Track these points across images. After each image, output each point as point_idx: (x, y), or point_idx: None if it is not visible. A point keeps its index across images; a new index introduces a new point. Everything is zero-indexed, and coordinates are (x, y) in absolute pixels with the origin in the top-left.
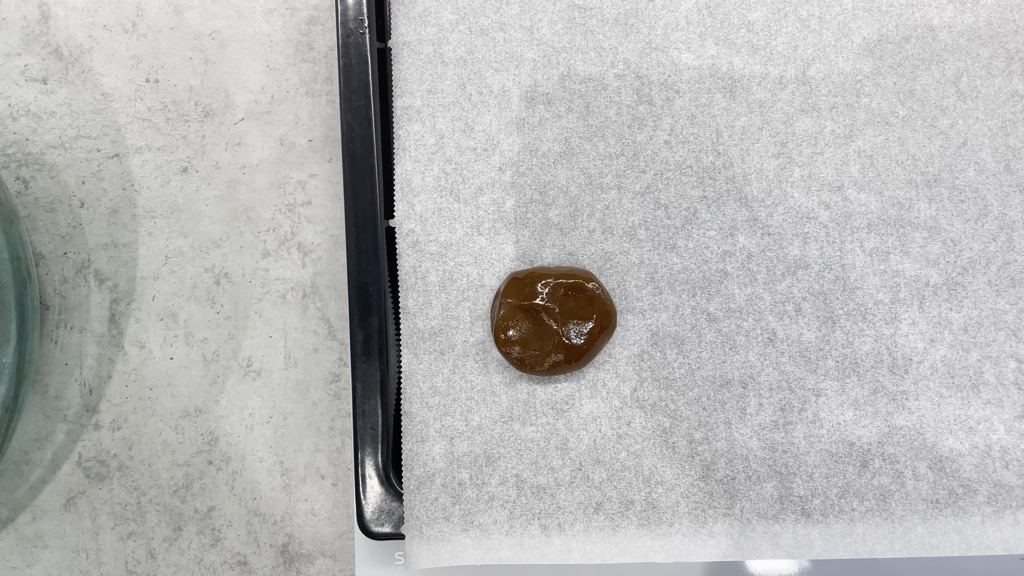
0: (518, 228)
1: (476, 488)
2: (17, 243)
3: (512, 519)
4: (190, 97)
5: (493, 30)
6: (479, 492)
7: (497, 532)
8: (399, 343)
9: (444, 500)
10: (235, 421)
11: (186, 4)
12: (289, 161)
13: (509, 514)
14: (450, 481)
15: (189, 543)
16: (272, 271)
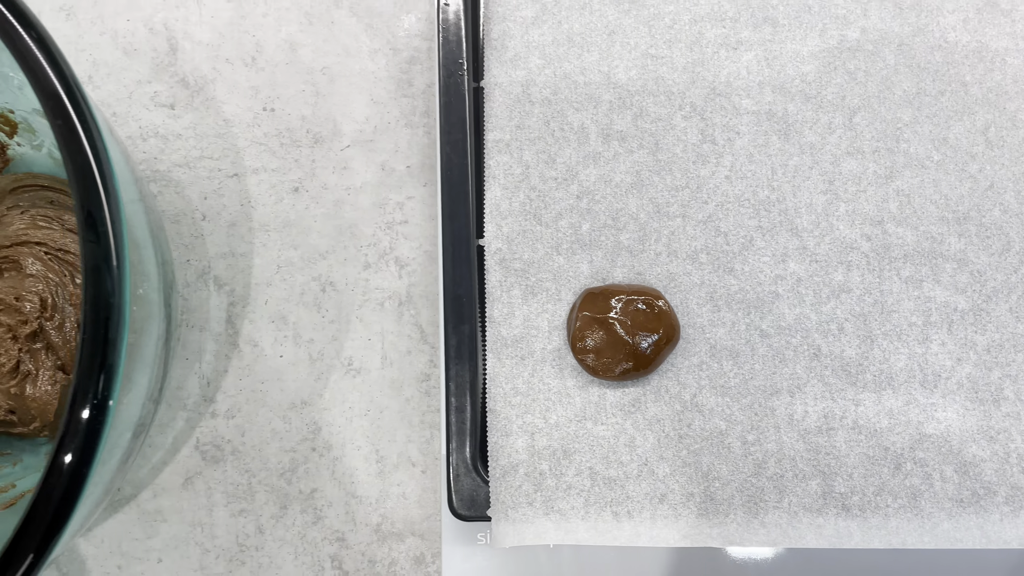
0: (592, 249)
1: (555, 478)
2: (164, 249)
3: (587, 506)
4: (302, 125)
5: (575, 74)
6: (558, 481)
7: (574, 516)
8: (485, 348)
9: (527, 488)
10: (336, 413)
11: (300, 42)
12: (389, 184)
13: (584, 501)
14: (532, 471)
15: (293, 520)
16: (372, 281)
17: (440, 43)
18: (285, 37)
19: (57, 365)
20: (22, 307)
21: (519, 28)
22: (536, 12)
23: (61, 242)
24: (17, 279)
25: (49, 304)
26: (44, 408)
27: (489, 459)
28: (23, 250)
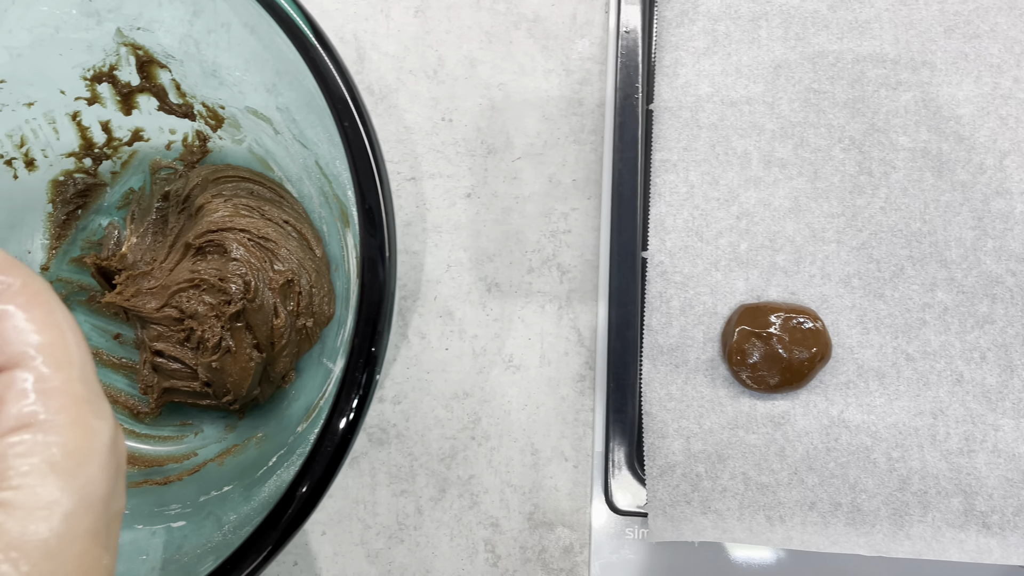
0: (749, 268)
1: (711, 480)
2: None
3: (742, 508)
4: (477, 136)
5: (741, 103)
6: (714, 484)
7: (730, 517)
8: (641, 354)
9: (684, 487)
10: (495, 406)
11: (480, 59)
12: (555, 196)
13: (739, 504)
14: (689, 472)
15: (451, 503)
16: (535, 284)
17: (617, 67)
18: (466, 53)
19: (253, 344)
20: (227, 288)
21: (691, 57)
22: (708, 44)
23: (264, 230)
24: (221, 262)
25: (252, 287)
26: (238, 383)
27: (646, 459)
28: (228, 235)
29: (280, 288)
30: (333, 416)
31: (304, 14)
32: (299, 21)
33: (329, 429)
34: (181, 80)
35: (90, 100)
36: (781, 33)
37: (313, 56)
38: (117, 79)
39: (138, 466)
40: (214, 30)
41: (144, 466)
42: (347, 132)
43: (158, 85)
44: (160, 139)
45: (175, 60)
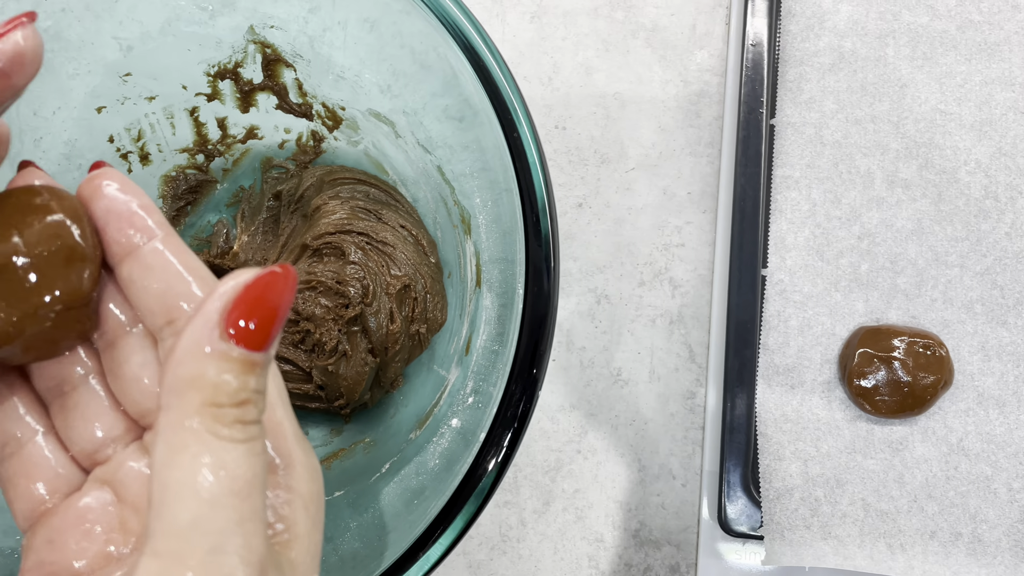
0: (868, 289)
1: (830, 505)
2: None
3: (862, 535)
4: (591, 145)
5: (865, 121)
6: (833, 509)
7: (851, 543)
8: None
9: (803, 511)
10: (603, 420)
11: (596, 67)
12: (669, 208)
13: (859, 531)
14: (807, 496)
15: (555, 517)
16: (645, 298)
17: (742, 80)
18: (582, 61)
19: (368, 348)
20: (345, 291)
21: (816, 73)
22: (833, 60)
23: (381, 234)
24: (338, 265)
25: (370, 291)
26: (352, 387)
27: (761, 481)
28: (346, 238)
29: (397, 293)
30: (487, 448)
31: (475, 23)
32: (469, 30)
33: (480, 465)
34: (304, 79)
35: (210, 96)
36: (908, 52)
37: (484, 65)
38: (240, 76)
39: None
40: (329, 28)
41: None
42: (514, 142)
43: (280, 84)
44: (274, 137)
45: (302, 59)
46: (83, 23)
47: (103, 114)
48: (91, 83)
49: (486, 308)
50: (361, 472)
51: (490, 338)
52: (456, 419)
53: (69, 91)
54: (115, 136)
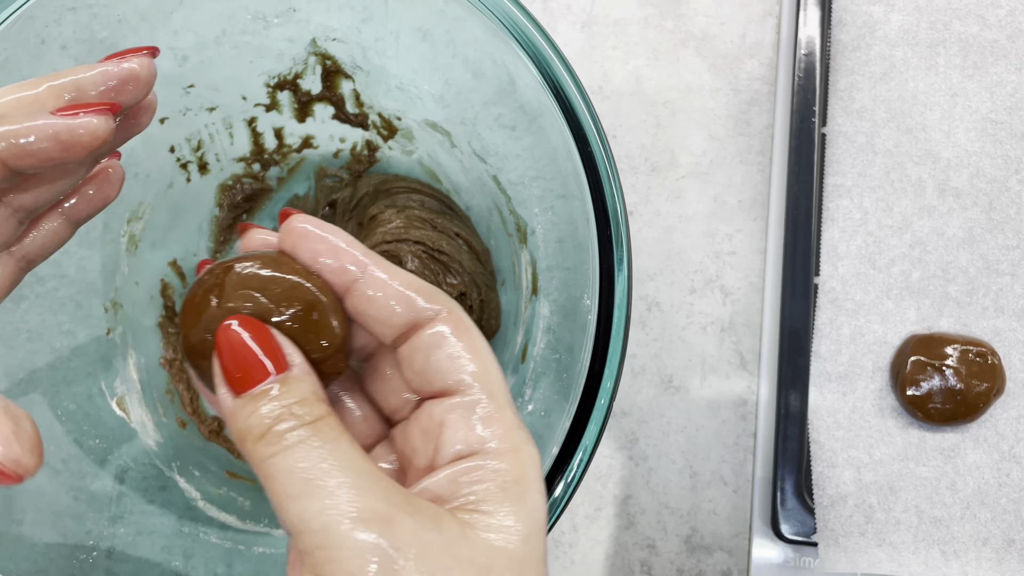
0: (920, 297)
1: (884, 512)
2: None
3: (916, 542)
4: (641, 153)
5: (917, 130)
6: (887, 515)
7: (905, 550)
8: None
9: (858, 518)
10: (654, 426)
11: (646, 75)
12: (720, 216)
13: (913, 537)
14: (861, 503)
15: (607, 522)
16: (696, 305)
17: (794, 89)
18: (632, 69)
19: None
20: None
21: (867, 82)
22: (884, 69)
23: (438, 243)
24: None
25: None
26: None
27: (815, 488)
28: (403, 247)
29: None
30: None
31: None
32: (551, 56)
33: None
34: (362, 90)
35: (268, 107)
36: (959, 61)
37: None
38: (299, 87)
39: None
40: (382, 37)
41: None
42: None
43: (338, 94)
44: (329, 147)
45: (361, 71)
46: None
47: (165, 125)
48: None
49: (543, 316)
50: None
51: (548, 347)
52: None
53: None
54: (175, 146)
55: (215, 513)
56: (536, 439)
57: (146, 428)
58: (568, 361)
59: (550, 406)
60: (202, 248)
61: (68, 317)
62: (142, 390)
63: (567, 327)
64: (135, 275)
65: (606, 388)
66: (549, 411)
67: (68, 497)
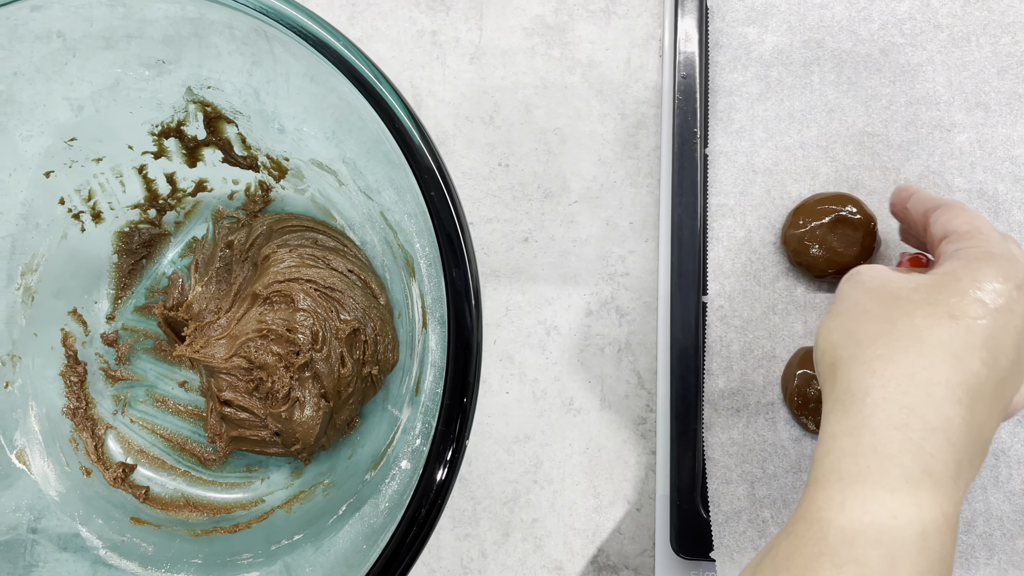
0: (807, 311)
1: (778, 525)
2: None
3: None
4: (534, 180)
5: (794, 148)
6: (780, 529)
7: None
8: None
9: (751, 533)
10: (557, 449)
11: (535, 104)
12: (612, 239)
13: None
14: (755, 518)
15: (515, 547)
16: (593, 327)
17: (675, 112)
18: (521, 99)
19: (321, 393)
20: (295, 338)
21: (745, 103)
22: (761, 89)
23: (329, 280)
24: (288, 312)
25: (320, 337)
26: (307, 432)
27: (711, 505)
28: (295, 286)
29: (347, 337)
30: (424, 474)
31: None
32: (384, 92)
33: (421, 489)
34: (247, 134)
35: (156, 154)
36: (834, 78)
37: (399, 127)
38: (184, 134)
39: (206, 513)
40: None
41: (212, 513)
42: (433, 200)
43: (224, 139)
44: (223, 189)
45: (242, 115)
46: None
47: (51, 178)
48: (44, 144)
49: (431, 349)
50: (321, 514)
51: (435, 379)
52: (405, 460)
53: (24, 153)
54: (65, 198)
55: (116, 561)
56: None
57: (48, 479)
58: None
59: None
60: (103, 295)
61: None
62: (43, 441)
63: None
64: (33, 326)
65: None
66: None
67: None
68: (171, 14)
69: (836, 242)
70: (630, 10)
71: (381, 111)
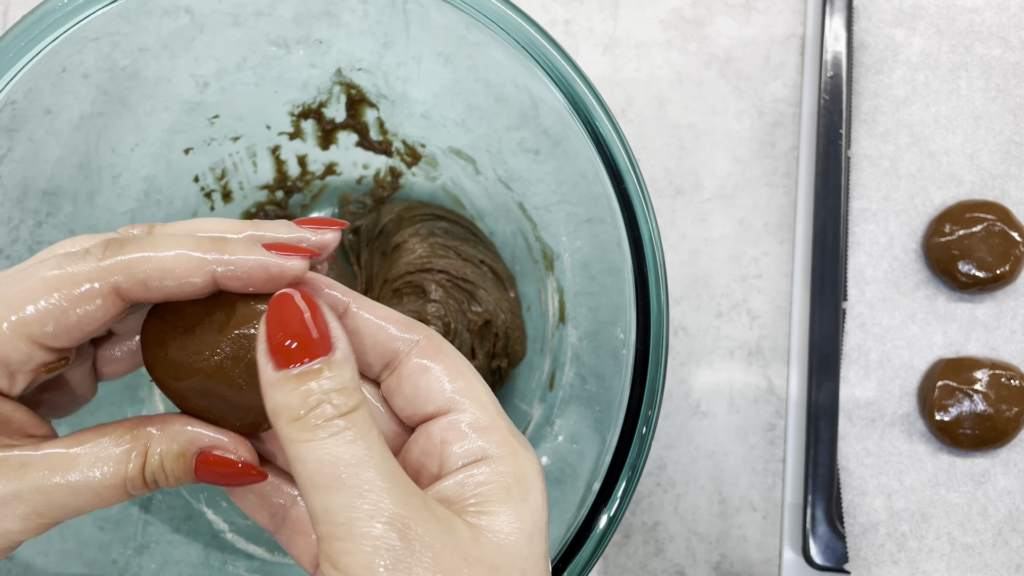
0: (947, 322)
1: (917, 540)
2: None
3: (950, 570)
4: (665, 176)
5: (940, 154)
6: (920, 543)
7: None
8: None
9: (890, 547)
10: (682, 452)
11: (669, 99)
12: (746, 239)
13: (947, 565)
14: (893, 531)
15: (635, 549)
16: (723, 330)
17: (819, 112)
18: (655, 92)
19: None
20: None
21: (890, 105)
22: (907, 92)
23: (462, 271)
24: (419, 303)
25: (451, 329)
26: None
27: (846, 516)
28: (426, 276)
29: (478, 330)
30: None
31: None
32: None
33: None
34: (387, 119)
35: (292, 135)
36: (982, 84)
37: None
38: (323, 116)
39: None
40: (404, 62)
41: None
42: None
43: (362, 123)
44: (352, 173)
45: (386, 100)
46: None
47: (190, 155)
48: (168, 120)
49: (571, 344)
50: None
51: (577, 376)
52: (545, 457)
53: (146, 128)
54: (199, 176)
55: (243, 545)
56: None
57: None
58: (598, 391)
59: (580, 435)
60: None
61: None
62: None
63: (597, 355)
64: None
65: (647, 417)
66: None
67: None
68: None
69: (983, 252)
70: (771, 6)
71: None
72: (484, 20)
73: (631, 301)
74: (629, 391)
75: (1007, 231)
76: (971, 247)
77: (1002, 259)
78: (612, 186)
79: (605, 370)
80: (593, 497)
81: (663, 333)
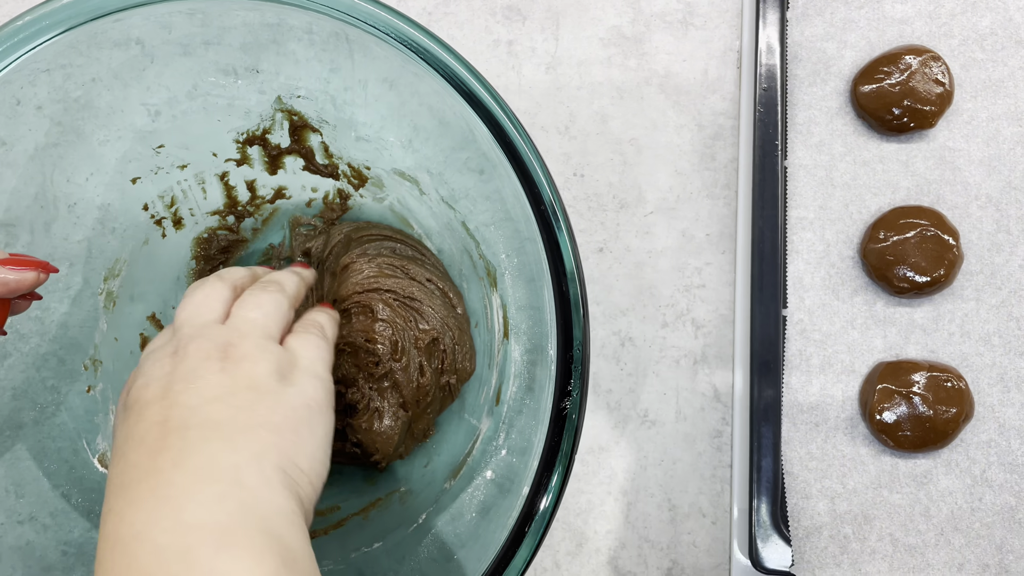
0: (886, 326)
1: (859, 541)
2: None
3: (892, 571)
4: (609, 190)
5: (874, 162)
6: (862, 545)
7: None
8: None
9: (833, 549)
10: (632, 460)
11: (611, 115)
12: (688, 250)
13: (889, 566)
14: (836, 534)
15: (588, 558)
16: (669, 339)
17: (755, 124)
18: (597, 109)
19: (400, 403)
20: (375, 349)
21: (824, 116)
22: (840, 103)
23: (408, 290)
24: (367, 323)
25: (399, 347)
26: (386, 443)
27: (790, 519)
28: (374, 296)
29: (426, 347)
30: (537, 493)
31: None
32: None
33: (534, 506)
34: (330, 142)
35: (239, 161)
36: None
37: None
38: (268, 142)
39: None
40: (350, 87)
41: None
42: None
43: (307, 147)
44: (302, 196)
45: (328, 124)
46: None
47: (138, 184)
48: (121, 149)
49: (515, 360)
50: (399, 523)
51: (520, 389)
52: (490, 471)
53: (100, 157)
54: (149, 204)
55: None
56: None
57: None
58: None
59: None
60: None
61: (51, 373)
62: None
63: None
64: (114, 331)
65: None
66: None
67: (57, 552)
68: (250, 21)
69: (919, 257)
70: (707, 21)
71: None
72: (412, 57)
73: (552, 317)
74: (552, 402)
75: (940, 235)
76: (905, 252)
77: (936, 263)
78: (531, 208)
79: (543, 382)
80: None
81: (583, 347)
